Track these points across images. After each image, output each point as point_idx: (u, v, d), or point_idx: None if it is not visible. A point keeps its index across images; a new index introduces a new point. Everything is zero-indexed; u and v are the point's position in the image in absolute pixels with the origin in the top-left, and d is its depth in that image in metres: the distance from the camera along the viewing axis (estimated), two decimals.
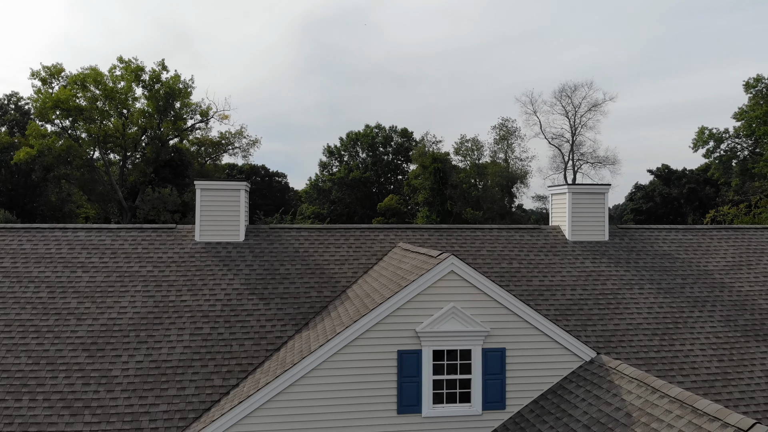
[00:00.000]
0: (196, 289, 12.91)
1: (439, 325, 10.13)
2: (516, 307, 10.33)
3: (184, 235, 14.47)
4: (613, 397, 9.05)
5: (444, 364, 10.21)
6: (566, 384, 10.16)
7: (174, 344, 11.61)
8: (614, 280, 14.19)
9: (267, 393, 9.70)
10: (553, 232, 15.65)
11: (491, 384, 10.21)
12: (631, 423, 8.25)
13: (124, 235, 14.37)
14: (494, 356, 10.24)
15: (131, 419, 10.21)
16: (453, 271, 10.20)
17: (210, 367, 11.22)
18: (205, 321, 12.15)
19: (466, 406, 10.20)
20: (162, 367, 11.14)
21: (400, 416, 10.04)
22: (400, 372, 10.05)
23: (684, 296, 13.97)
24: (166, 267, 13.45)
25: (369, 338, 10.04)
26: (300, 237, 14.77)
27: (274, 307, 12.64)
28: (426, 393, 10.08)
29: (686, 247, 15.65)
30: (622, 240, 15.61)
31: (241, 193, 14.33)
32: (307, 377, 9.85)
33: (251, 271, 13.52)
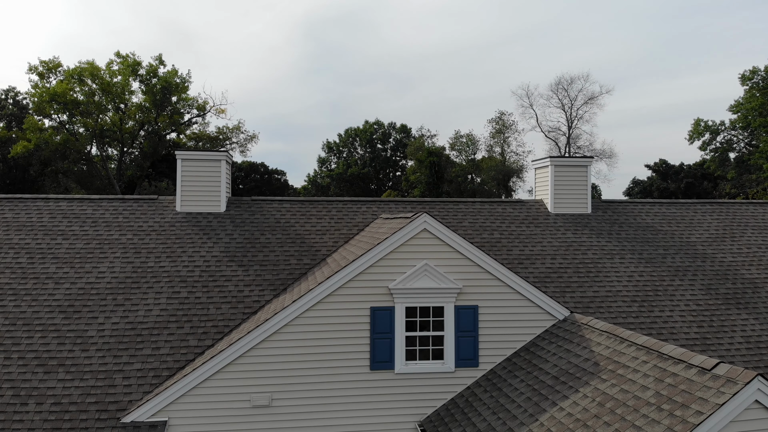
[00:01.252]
0: (175, 256, 12.92)
1: (412, 282, 10.13)
2: (489, 265, 10.32)
3: (165, 205, 14.49)
4: (582, 350, 9.05)
5: (417, 321, 10.21)
6: (539, 341, 10.16)
7: (151, 307, 11.62)
8: (595, 250, 14.18)
9: (239, 348, 9.71)
10: (536, 205, 15.65)
11: (464, 341, 10.21)
12: (599, 371, 8.24)
13: (106, 205, 14.39)
14: (467, 314, 10.24)
15: (105, 377, 10.21)
16: (426, 229, 10.21)
17: (186, 328, 11.23)
18: (183, 285, 12.16)
19: (439, 363, 10.20)
20: (138, 329, 11.15)
21: (373, 372, 10.04)
22: (373, 329, 10.05)
23: (665, 266, 13.95)
24: (146, 235, 13.47)
25: (342, 295, 10.04)
26: (282, 209, 14.78)
27: (253, 273, 12.65)
28: (399, 350, 10.08)
29: (669, 220, 15.64)
30: (605, 213, 15.60)
31: (221, 164, 14.34)
32: (279, 333, 9.85)
33: (231, 240, 13.54)
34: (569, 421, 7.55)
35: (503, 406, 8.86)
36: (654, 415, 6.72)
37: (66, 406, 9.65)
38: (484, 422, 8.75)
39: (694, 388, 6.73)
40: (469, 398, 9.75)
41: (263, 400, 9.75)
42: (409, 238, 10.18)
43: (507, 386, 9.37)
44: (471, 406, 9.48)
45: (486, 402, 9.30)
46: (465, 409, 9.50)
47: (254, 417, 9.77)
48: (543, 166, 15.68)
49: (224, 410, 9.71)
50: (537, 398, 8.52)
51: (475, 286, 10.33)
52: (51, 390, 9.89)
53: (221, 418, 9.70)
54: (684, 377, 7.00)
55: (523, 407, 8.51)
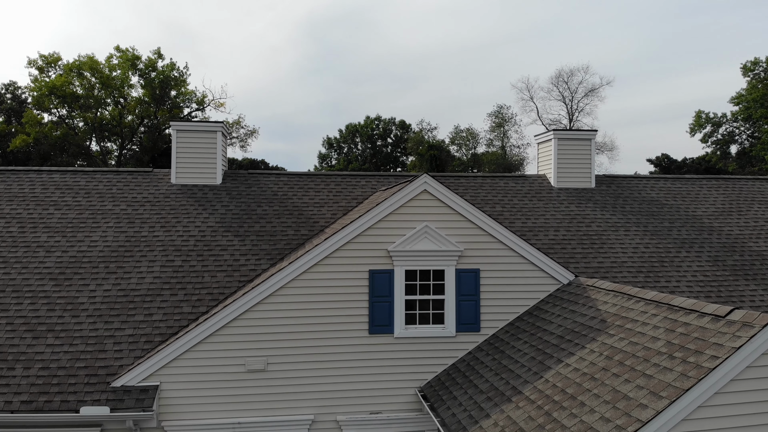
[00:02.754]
0: (169, 226, 12.62)
1: (412, 244, 9.83)
2: (491, 227, 10.02)
3: (160, 178, 14.19)
4: (588, 309, 8.74)
5: (417, 285, 9.90)
6: (543, 305, 9.85)
7: (144, 275, 11.32)
8: (599, 223, 13.88)
9: (234, 310, 9.41)
10: (539, 179, 15.34)
11: (465, 305, 9.90)
12: (606, 327, 7.94)
13: (99, 177, 14.10)
14: (468, 277, 9.94)
15: (95, 342, 9.91)
16: (426, 190, 9.90)
17: (180, 295, 10.92)
18: (177, 254, 11.86)
19: (440, 327, 9.89)
20: (130, 296, 10.85)
21: (371, 336, 9.73)
22: (372, 292, 9.74)
23: (671, 238, 13.65)
24: (140, 206, 13.17)
25: (339, 257, 9.74)
26: (279, 182, 14.48)
27: (249, 243, 12.35)
28: (398, 313, 9.77)
29: (674, 195, 15.33)
30: (608, 187, 15.29)
31: (218, 135, 14.04)
32: (275, 295, 9.55)
33: (227, 211, 13.24)
34: (576, 375, 7.25)
35: (506, 367, 8.56)
36: (665, 363, 6.42)
37: (54, 371, 9.35)
38: (487, 383, 8.45)
39: (708, 335, 6.42)
40: (471, 362, 9.44)
41: (259, 364, 9.44)
42: (409, 200, 9.87)
43: (510, 348, 9.07)
44: (473, 369, 9.18)
45: (488, 365, 8.99)
46: (467, 372, 9.20)
47: (249, 382, 9.46)
48: (546, 140, 15.37)
49: (218, 374, 9.41)
50: (541, 357, 8.21)
51: (476, 249, 10.02)
52: (39, 355, 9.58)
53: (215, 383, 9.39)
54: (697, 326, 6.69)
55: (527, 366, 8.21)
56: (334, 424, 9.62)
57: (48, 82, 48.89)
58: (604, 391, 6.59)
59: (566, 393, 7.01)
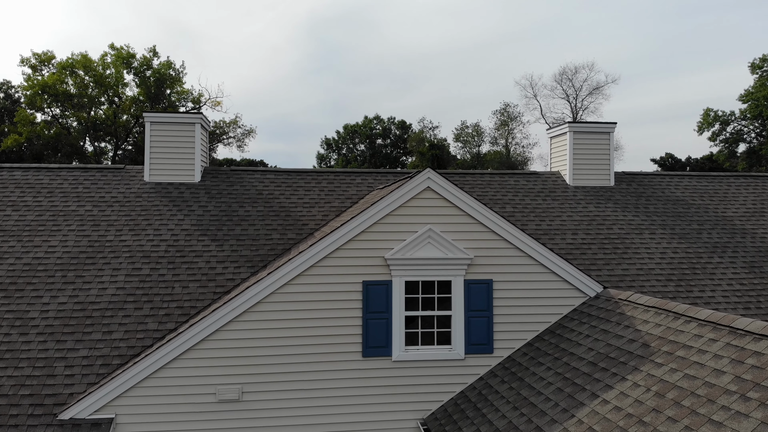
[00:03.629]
0: (138, 229, 11.19)
1: (413, 251, 8.41)
2: (506, 231, 8.60)
3: (132, 175, 12.76)
4: (624, 329, 7.32)
5: (419, 299, 8.48)
6: (566, 323, 8.43)
7: (106, 285, 9.89)
8: (621, 225, 12.46)
9: (202, 330, 7.99)
10: (552, 177, 13.93)
11: (476, 323, 8.48)
12: (651, 354, 6.51)
13: (65, 174, 12.67)
14: (479, 289, 8.51)
15: (44, 365, 8.48)
16: (430, 187, 8.49)
17: (145, 309, 9.50)
18: (146, 261, 10.44)
19: (446, 348, 8.47)
20: (88, 310, 9.43)
21: (366, 360, 8.31)
22: (366, 307, 8.32)
23: (701, 242, 12.23)
24: (107, 207, 11.74)
25: (328, 266, 8.32)
26: (265, 179, 13.05)
27: (228, 249, 10.92)
28: (397, 332, 8.35)
29: (701, 194, 13.92)
30: (629, 186, 13.88)
31: (196, 128, 12.62)
32: (252, 311, 8.13)
33: (204, 212, 11.81)
34: (618, 417, 5.82)
35: (527, 400, 7.13)
36: (738, 406, 5.00)
37: None
38: (504, 420, 7.02)
39: None
40: (483, 390, 8.02)
41: (232, 393, 8.02)
42: (410, 199, 8.46)
43: (530, 376, 7.64)
44: (486, 400, 7.75)
45: (504, 395, 7.57)
46: (478, 403, 7.77)
47: (221, 414, 8.04)
48: (560, 133, 13.96)
49: (185, 405, 7.99)
50: (570, 389, 6.79)
51: (488, 257, 8.60)
52: None
53: (181, 416, 7.97)
54: None
55: (553, 401, 6.78)
56: None
57: (40, 81, 47.45)
58: None
59: None
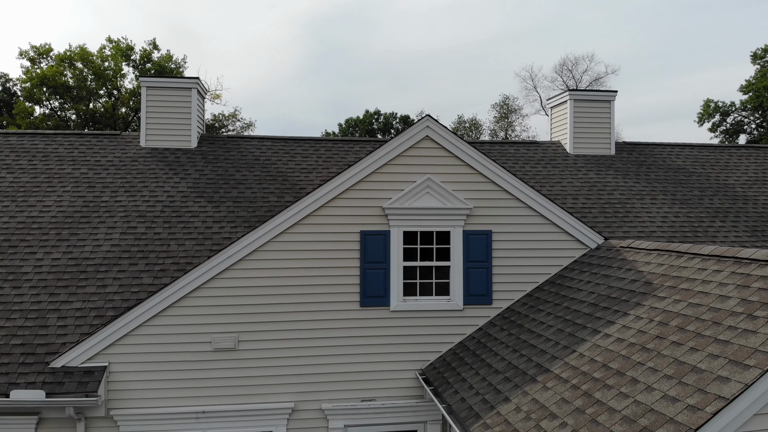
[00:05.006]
0: (134, 191, 11.07)
1: (412, 200, 8.29)
2: (505, 181, 8.48)
3: (128, 141, 12.64)
4: (626, 272, 7.20)
5: (417, 249, 8.36)
6: (567, 273, 8.32)
7: (101, 242, 9.77)
8: (622, 191, 12.35)
9: (197, 277, 7.87)
10: (553, 146, 13.81)
11: (474, 274, 8.36)
12: (653, 290, 6.40)
13: (60, 140, 12.54)
14: (478, 240, 8.40)
15: (36, 316, 8.35)
16: (428, 136, 8.36)
17: (140, 265, 9.37)
18: (141, 221, 10.31)
19: (444, 299, 8.35)
20: (82, 265, 9.30)
21: (363, 310, 8.19)
22: (364, 257, 8.20)
23: (703, 207, 12.12)
24: (103, 170, 11.61)
25: (324, 215, 8.19)
26: (262, 146, 12.93)
27: (225, 210, 10.80)
28: (395, 282, 8.23)
29: (702, 163, 13.81)
30: (630, 155, 13.76)
31: (193, 93, 12.49)
32: (247, 260, 8.00)
33: (201, 176, 11.68)
34: (620, 347, 5.71)
35: (527, 343, 7.01)
36: (745, 324, 4.88)
37: None
38: (503, 362, 6.90)
39: None
40: (482, 339, 7.90)
41: (228, 342, 7.90)
42: (408, 148, 8.34)
43: (530, 322, 7.53)
44: (484, 347, 7.63)
45: (503, 341, 7.45)
46: (477, 350, 7.66)
47: (217, 363, 7.92)
48: (560, 102, 13.83)
49: (179, 354, 7.86)
50: (571, 329, 6.68)
51: (488, 207, 8.48)
52: None
53: (175, 364, 7.85)
54: None
55: (554, 340, 6.67)
56: (318, 413, 8.08)
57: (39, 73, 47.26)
58: (662, 364, 5.05)
59: (610, 368, 5.47)
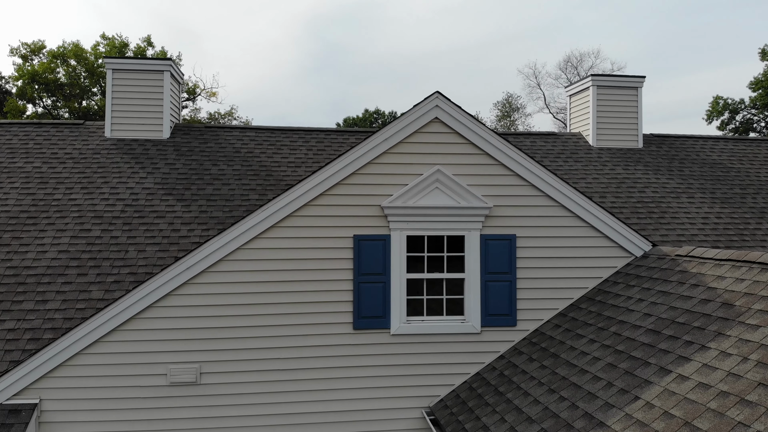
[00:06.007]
0: (93, 188, 9.52)
1: (417, 198, 6.75)
2: (533, 174, 6.94)
3: (92, 131, 11.08)
4: (691, 289, 5.66)
5: (424, 258, 6.82)
6: (609, 287, 6.78)
7: (46, 248, 8.21)
8: (655, 188, 10.82)
9: (148, 293, 6.31)
10: (573, 138, 12.28)
11: (495, 288, 6.82)
12: (737, 315, 4.86)
13: (15, 130, 10.98)
14: (499, 246, 6.85)
15: None
16: (438, 118, 6.82)
17: (90, 276, 7.82)
18: (96, 222, 8.76)
19: (457, 320, 6.81)
20: (22, 275, 7.75)
21: (357, 333, 6.64)
22: (359, 268, 6.65)
23: (746, 206, 10.60)
24: (59, 163, 10.06)
25: (308, 216, 6.65)
26: (244, 137, 11.38)
27: (196, 210, 9.25)
28: (396, 299, 6.68)
29: (739, 158, 12.29)
30: (659, 148, 12.24)
31: (165, 76, 10.94)
32: (211, 272, 6.45)
33: (171, 170, 10.13)
34: (706, 396, 4.17)
35: (566, 380, 5.47)
36: None
37: None
38: (537, 405, 5.36)
39: None
40: (506, 371, 6.35)
41: (187, 374, 6.35)
42: (413, 133, 6.79)
43: (567, 351, 5.99)
44: (510, 382, 6.09)
45: (535, 375, 5.91)
46: (500, 386, 6.11)
47: (173, 401, 6.37)
48: (582, 89, 12.30)
49: (128, 389, 6.31)
50: (627, 364, 5.13)
51: (511, 206, 6.94)
52: None
53: (123, 402, 6.30)
54: None
55: (605, 380, 5.12)
56: None
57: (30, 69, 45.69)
58: None
59: (697, 429, 3.93)
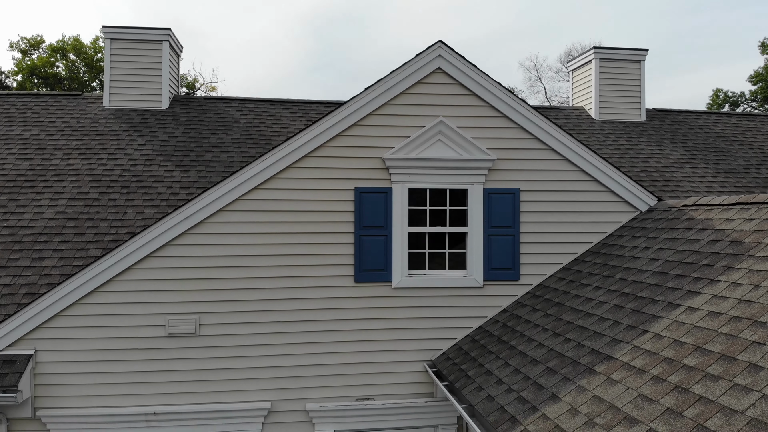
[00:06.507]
0: (90, 153, 9.42)
1: (419, 150, 6.65)
2: (538, 127, 6.85)
3: (90, 102, 10.98)
4: (699, 233, 5.57)
5: (426, 211, 6.72)
6: (613, 240, 6.68)
7: (43, 209, 8.11)
8: (658, 158, 10.73)
9: (148, 242, 6.21)
10: (575, 111, 12.19)
11: (498, 242, 6.72)
12: (747, 250, 4.76)
13: (13, 100, 10.88)
14: (503, 200, 6.76)
15: None
16: (441, 68, 6.72)
17: (88, 235, 7.72)
18: (95, 186, 8.66)
19: (459, 274, 6.71)
20: (18, 235, 7.65)
21: (358, 286, 6.55)
22: (360, 221, 6.56)
23: (750, 177, 10.51)
24: (56, 131, 9.96)
25: (308, 167, 6.55)
26: (244, 109, 11.28)
27: (195, 175, 9.15)
28: (398, 252, 6.59)
29: (743, 131, 12.21)
30: (662, 122, 12.14)
31: (163, 46, 10.84)
32: (210, 222, 6.36)
33: (170, 138, 10.03)
34: (717, 323, 4.07)
35: (572, 324, 5.38)
36: None
37: None
38: (542, 348, 5.26)
39: None
40: (509, 322, 6.26)
41: (186, 325, 6.25)
42: (415, 83, 6.70)
43: (573, 299, 5.89)
44: (513, 331, 5.99)
45: (539, 323, 5.81)
46: (504, 336, 6.01)
47: (172, 352, 6.27)
48: (584, 62, 12.20)
49: (125, 340, 6.21)
50: (634, 304, 5.04)
51: (515, 160, 6.85)
52: None
53: (120, 353, 6.20)
54: None
55: (611, 319, 5.03)
56: (301, 415, 6.43)
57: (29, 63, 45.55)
58: None
59: (709, 352, 3.84)
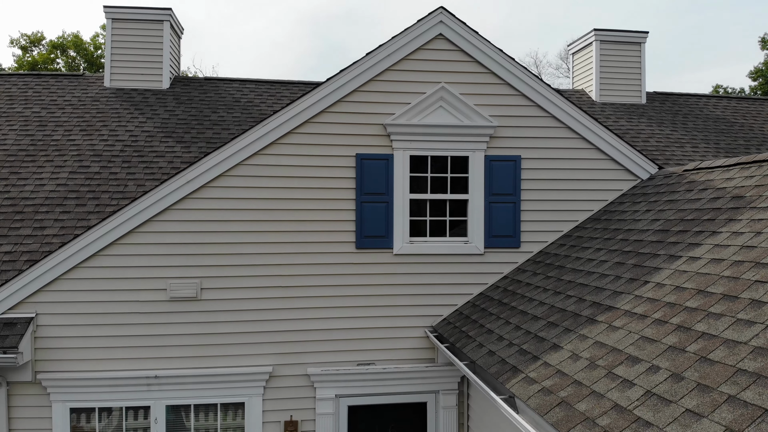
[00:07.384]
0: (92, 130, 9.43)
1: (421, 116, 6.65)
2: (539, 94, 6.85)
3: (91, 82, 10.99)
4: (701, 193, 5.58)
5: (427, 178, 6.73)
6: (614, 207, 6.69)
7: (45, 182, 8.12)
8: (659, 138, 10.74)
9: (150, 206, 6.22)
10: (576, 94, 12.19)
11: (499, 209, 6.73)
12: (747, 203, 4.77)
13: (15, 80, 10.89)
14: (504, 168, 6.76)
15: None
16: (442, 34, 6.73)
17: (89, 206, 7.73)
18: (96, 160, 8.67)
19: (460, 241, 6.72)
20: (19, 205, 7.66)
21: (360, 252, 6.55)
22: (361, 187, 6.56)
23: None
24: (58, 109, 9.97)
25: (309, 134, 6.55)
26: (244, 89, 11.29)
27: (196, 151, 9.16)
28: (399, 219, 6.59)
29: (743, 114, 12.22)
30: (662, 104, 12.15)
31: (164, 26, 10.85)
32: (212, 187, 6.36)
33: (171, 116, 10.04)
34: (719, 268, 4.08)
35: (573, 282, 5.38)
36: None
37: None
38: (543, 306, 5.27)
39: None
40: (509, 287, 6.26)
41: (188, 289, 6.25)
42: (416, 49, 6.70)
43: (573, 261, 5.90)
44: (514, 294, 6.00)
45: (540, 285, 5.82)
46: (504, 299, 6.02)
47: (173, 316, 6.27)
48: (584, 45, 12.21)
49: (126, 304, 6.21)
50: (636, 260, 5.05)
51: (517, 127, 6.85)
52: None
53: (121, 317, 6.20)
54: None
55: (612, 275, 5.04)
56: (303, 379, 6.44)
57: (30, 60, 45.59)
58: None
59: (712, 294, 3.85)
